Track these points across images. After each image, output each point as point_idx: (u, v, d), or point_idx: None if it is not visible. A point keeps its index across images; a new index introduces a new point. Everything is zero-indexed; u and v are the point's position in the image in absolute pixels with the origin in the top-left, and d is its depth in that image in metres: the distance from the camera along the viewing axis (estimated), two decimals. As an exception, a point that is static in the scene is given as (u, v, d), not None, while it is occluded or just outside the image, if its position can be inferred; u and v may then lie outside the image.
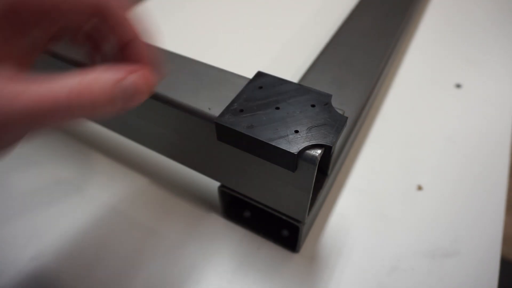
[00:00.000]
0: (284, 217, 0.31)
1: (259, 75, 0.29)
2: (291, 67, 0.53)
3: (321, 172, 0.32)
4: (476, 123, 0.47)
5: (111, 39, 0.22)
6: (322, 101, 0.27)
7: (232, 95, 0.28)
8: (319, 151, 0.24)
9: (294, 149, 0.24)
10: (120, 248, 0.34)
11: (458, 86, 0.52)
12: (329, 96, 0.27)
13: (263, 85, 0.28)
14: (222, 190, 0.33)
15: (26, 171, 0.40)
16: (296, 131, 0.25)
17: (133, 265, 0.33)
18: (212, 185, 0.39)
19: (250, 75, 0.30)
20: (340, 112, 0.26)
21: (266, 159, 0.26)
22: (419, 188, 0.40)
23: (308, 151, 0.24)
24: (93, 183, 0.39)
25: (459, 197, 0.39)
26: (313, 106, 0.27)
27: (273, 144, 0.24)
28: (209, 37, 0.58)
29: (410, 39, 0.60)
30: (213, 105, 0.28)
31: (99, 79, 0.18)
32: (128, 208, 0.37)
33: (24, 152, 0.42)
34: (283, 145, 0.24)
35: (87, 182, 0.39)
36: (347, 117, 0.26)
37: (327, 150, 0.25)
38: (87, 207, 0.37)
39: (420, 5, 0.62)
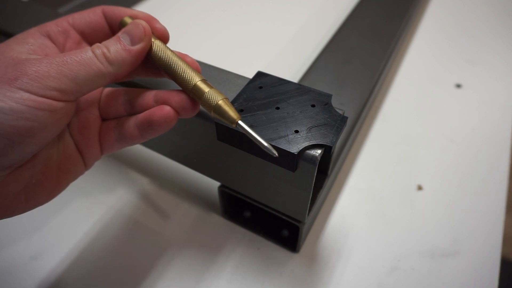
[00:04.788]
0: (284, 217, 0.31)
1: (259, 75, 0.29)
2: (291, 67, 0.53)
3: (321, 172, 0.32)
4: (476, 123, 0.47)
5: None
6: (322, 101, 0.27)
7: (232, 95, 0.28)
8: (319, 151, 0.24)
9: (294, 149, 0.24)
10: (119, 248, 0.34)
11: (458, 86, 0.52)
12: (329, 96, 0.27)
13: (263, 85, 0.28)
14: (222, 190, 0.33)
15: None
16: (296, 131, 0.25)
17: (132, 264, 0.33)
18: (212, 185, 0.39)
19: (250, 75, 0.30)
20: (340, 112, 0.26)
21: (266, 159, 0.26)
22: (419, 188, 0.40)
23: (308, 151, 0.24)
24: (92, 183, 0.39)
25: (459, 197, 0.39)
26: (313, 106, 0.26)
27: (273, 144, 0.24)
28: (209, 37, 0.58)
29: (410, 39, 0.60)
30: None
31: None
32: (127, 208, 0.37)
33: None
34: (283, 145, 0.24)
35: (86, 181, 0.39)
36: (347, 117, 0.26)
37: (327, 150, 0.25)
38: (86, 207, 0.37)
39: (420, 5, 0.62)
